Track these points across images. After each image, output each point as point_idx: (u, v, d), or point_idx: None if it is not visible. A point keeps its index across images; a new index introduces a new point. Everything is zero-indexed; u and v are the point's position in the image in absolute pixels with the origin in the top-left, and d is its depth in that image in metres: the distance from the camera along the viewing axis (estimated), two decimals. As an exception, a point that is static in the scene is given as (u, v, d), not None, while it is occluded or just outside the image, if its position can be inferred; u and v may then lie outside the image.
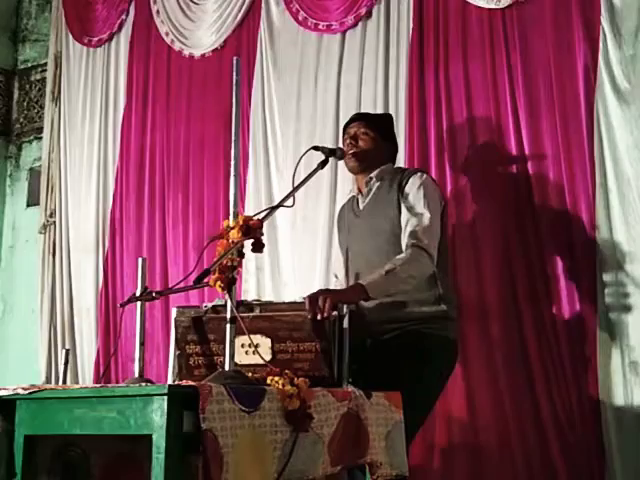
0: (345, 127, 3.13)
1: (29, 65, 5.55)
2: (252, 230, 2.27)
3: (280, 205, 2.53)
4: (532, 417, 3.19)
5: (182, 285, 2.75)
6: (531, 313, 3.26)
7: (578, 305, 3.18)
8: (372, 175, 3.00)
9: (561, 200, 3.26)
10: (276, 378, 2.14)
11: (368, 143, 3.02)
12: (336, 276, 3.18)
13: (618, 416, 3.03)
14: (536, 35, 3.41)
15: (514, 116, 3.40)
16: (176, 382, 2.37)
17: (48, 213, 4.98)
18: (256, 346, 2.35)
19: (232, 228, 2.27)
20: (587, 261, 3.16)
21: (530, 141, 3.36)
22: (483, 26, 3.54)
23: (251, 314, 2.43)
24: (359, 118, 3.13)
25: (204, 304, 2.58)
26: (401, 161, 3.53)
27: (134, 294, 2.66)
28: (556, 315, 3.21)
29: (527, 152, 3.36)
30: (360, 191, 3.06)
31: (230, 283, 2.23)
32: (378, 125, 3.08)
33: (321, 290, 2.54)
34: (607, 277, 3.12)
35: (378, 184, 2.99)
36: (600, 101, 3.20)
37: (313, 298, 2.38)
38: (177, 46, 4.54)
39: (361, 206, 3.03)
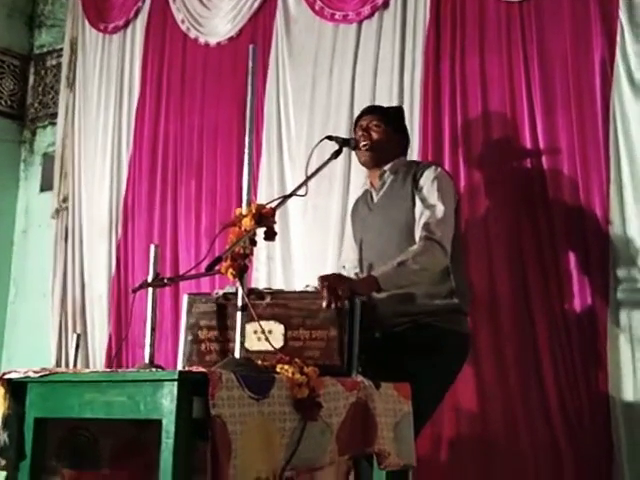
0: (357, 120, 3.11)
1: (45, 50, 5.55)
2: (265, 218, 2.28)
3: (293, 194, 2.53)
4: (541, 411, 3.19)
5: (194, 272, 2.76)
6: (542, 307, 3.25)
7: (590, 300, 3.17)
8: (386, 168, 2.99)
9: (575, 195, 3.25)
10: (286, 366, 2.14)
11: (380, 135, 2.99)
12: (344, 267, 3.17)
13: (627, 411, 3.02)
14: (553, 28, 3.39)
15: (529, 110, 3.38)
16: (186, 368, 2.38)
17: (61, 198, 4.99)
18: (269, 332, 2.36)
19: (245, 216, 2.27)
20: (600, 256, 3.15)
21: (545, 135, 3.34)
22: (500, 19, 3.53)
23: (266, 301, 2.43)
24: (371, 111, 3.11)
25: (215, 291, 2.59)
26: (415, 154, 3.53)
27: (146, 280, 2.67)
28: (567, 310, 3.20)
29: (542, 146, 3.34)
30: (373, 185, 3.05)
31: (242, 271, 2.24)
32: (390, 118, 3.06)
33: (335, 275, 2.54)
34: (620, 272, 3.11)
35: (392, 177, 2.98)
36: (617, 95, 3.19)
37: (329, 286, 2.38)
38: (193, 34, 4.54)
39: (375, 200, 3.02)
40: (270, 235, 2.31)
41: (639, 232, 3.09)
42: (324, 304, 2.37)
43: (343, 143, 2.79)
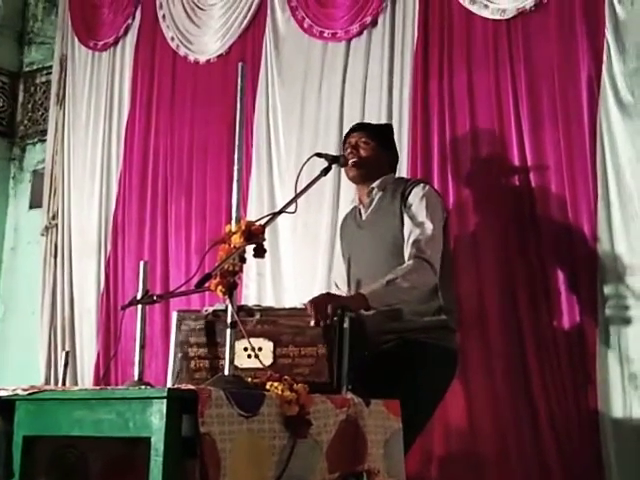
0: (346, 137, 3.14)
1: (34, 67, 5.55)
2: (254, 235, 2.28)
3: (282, 211, 2.53)
4: (531, 428, 3.18)
5: (183, 289, 2.76)
6: (531, 324, 3.25)
7: (578, 317, 3.18)
8: (374, 185, 3.01)
9: (563, 212, 3.26)
10: (275, 384, 2.14)
11: (369, 152, 3.02)
12: (337, 285, 3.17)
13: (617, 428, 3.02)
14: (540, 46, 3.41)
15: (517, 127, 3.41)
16: (176, 385, 2.37)
17: (50, 215, 4.98)
18: (258, 349, 2.35)
19: (234, 233, 2.27)
20: (588, 273, 3.16)
21: (533, 152, 3.36)
22: (487, 37, 3.55)
23: (255, 317, 2.43)
24: (359, 128, 3.14)
25: (205, 308, 2.59)
26: (404, 171, 3.54)
27: (135, 297, 2.67)
28: (556, 327, 3.21)
29: (529, 163, 3.36)
30: (361, 202, 3.06)
31: (231, 288, 2.24)
32: (378, 135, 3.09)
33: (323, 294, 2.55)
34: (608, 289, 3.12)
35: (380, 194, 2.99)
36: (603, 113, 3.21)
37: (317, 304, 2.39)
38: (182, 51, 4.55)
39: (364, 217, 3.03)
40: (260, 252, 2.31)
41: (627, 249, 3.11)
42: (312, 322, 2.37)
43: (332, 160, 2.80)
